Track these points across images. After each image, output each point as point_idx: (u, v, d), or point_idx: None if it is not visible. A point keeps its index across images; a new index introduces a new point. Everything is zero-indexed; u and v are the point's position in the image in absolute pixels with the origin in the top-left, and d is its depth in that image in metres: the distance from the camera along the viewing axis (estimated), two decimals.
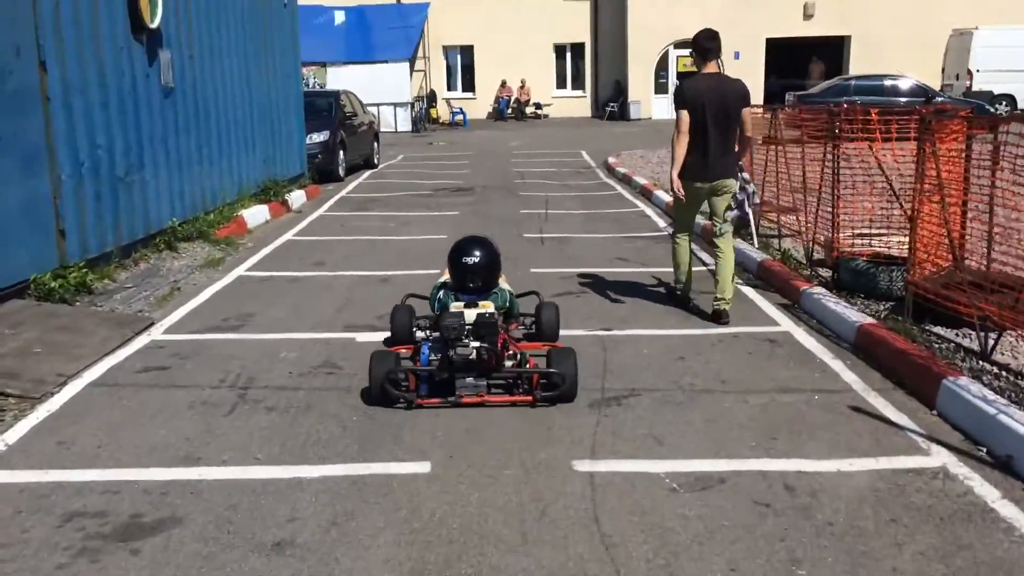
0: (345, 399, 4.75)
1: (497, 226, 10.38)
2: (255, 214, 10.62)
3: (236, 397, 4.80)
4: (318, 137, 15.43)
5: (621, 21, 31.05)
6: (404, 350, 5.00)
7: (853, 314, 5.88)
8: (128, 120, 7.90)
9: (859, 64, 29.56)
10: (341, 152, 16.01)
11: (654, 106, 30.91)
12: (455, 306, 4.82)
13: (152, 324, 6.19)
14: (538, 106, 32.21)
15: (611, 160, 17.81)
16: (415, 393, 4.62)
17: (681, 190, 6.02)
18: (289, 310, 6.65)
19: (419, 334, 5.20)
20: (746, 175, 7.83)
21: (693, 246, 6.64)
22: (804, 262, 7.67)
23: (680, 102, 5.94)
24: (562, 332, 5.58)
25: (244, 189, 10.84)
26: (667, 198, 11.52)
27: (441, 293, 5.03)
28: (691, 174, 5.99)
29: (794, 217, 8.53)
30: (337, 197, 13.61)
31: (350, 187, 15.04)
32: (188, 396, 4.81)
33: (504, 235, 9.39)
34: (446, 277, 5.13)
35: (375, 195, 13.93)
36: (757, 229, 8.61)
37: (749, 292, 7.11)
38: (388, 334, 5.55)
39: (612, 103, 31.15)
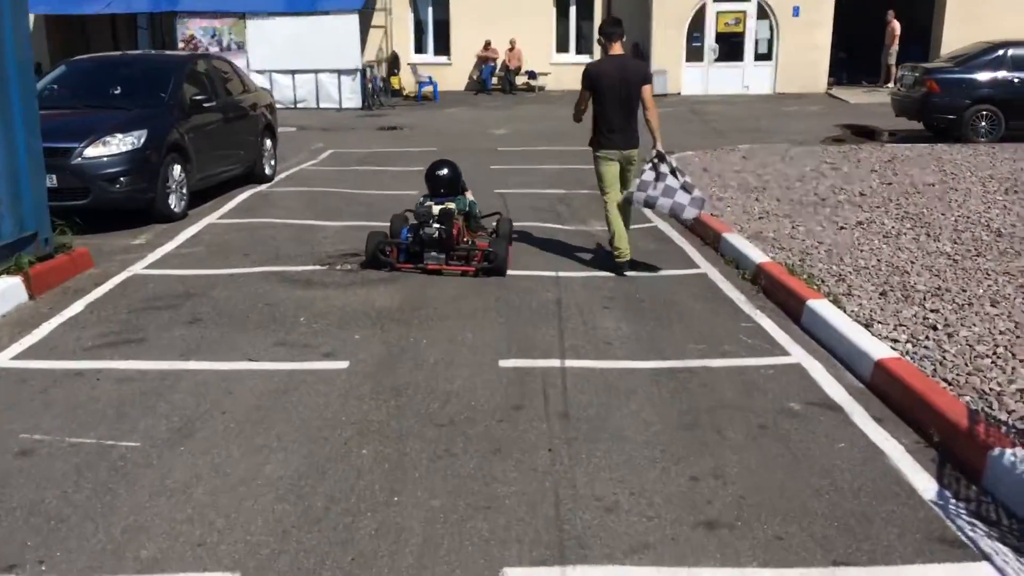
0: None
1: (427, 465, 3.41)
2: None
3: None
4: (119, 143, 8.14)
5: None
6: (393, 239, 6.84)
7: None
8: None
9: (955, 23, 22.29)
10: (176, 167, 8.73)
11: (685, 78, 23.54)
12: (427, 204, 6.84)
13: None
14: (531, 75, 24.82)
15: None
16: (396, 260, 6.70)
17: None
18: None
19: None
20: (672, 161, 6.64)
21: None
22: None
23: (588, 83, 6.70)
24: None
25: None
26: (849, 330, 4.55)
27: (421, 198, 7.06)
28: (605, 144, 6.75)
29: None
30: (103, 289, 6.30)
31: (172, 244, 7.78)
32: None
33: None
34: (426, 192, 7.13)
35: (200, 273, 6.71)
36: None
37: None
38: None
39: None
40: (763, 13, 22.97)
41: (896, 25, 22.52)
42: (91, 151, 7.97)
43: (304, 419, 4.08)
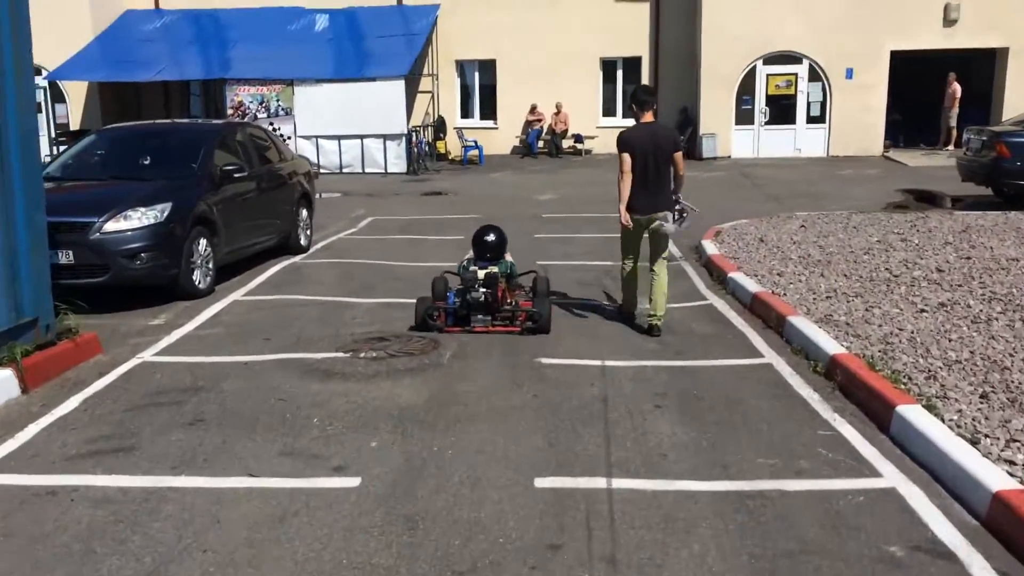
0: None
1: None
2: None
3: None
4: (141, 216, 7.73)
5: (692, 28, 23.20)
6: (438, 303, 6.99)
7: None
8: None
9: (1018, 85, 21.45)
10: (202, 242, 8.29)
11: (735, 141, 22.92)
12: (472, 268, 7.05)
13: None
14: (578, 139, 24.44)
15: (710, 249, 9.92)
16: (444, 324, 6.87)
17: (630, 222, 6.85)
18: None
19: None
20: (686, 203, 7.08)
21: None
22: None
23: (624, 148, 6.77)
24: None
25: None
26: (953, 447, 3.72)
27: (465, 261, 7.26)
28: (633, 208, 6.80)
29: None
30: (106, 381, 5.75)
31: (191, 325, 7.28)
32: None
33: None
34: (470, 254, 7.31)
35: (213, 361, 6.15)
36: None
37: None
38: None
39: None
40: (815, 75, 22.35)
41: (957, 87, 21.71)
42: (111, 225, 7.57)
43: (298, 561, 3.42)
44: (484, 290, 6.83)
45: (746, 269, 8.74)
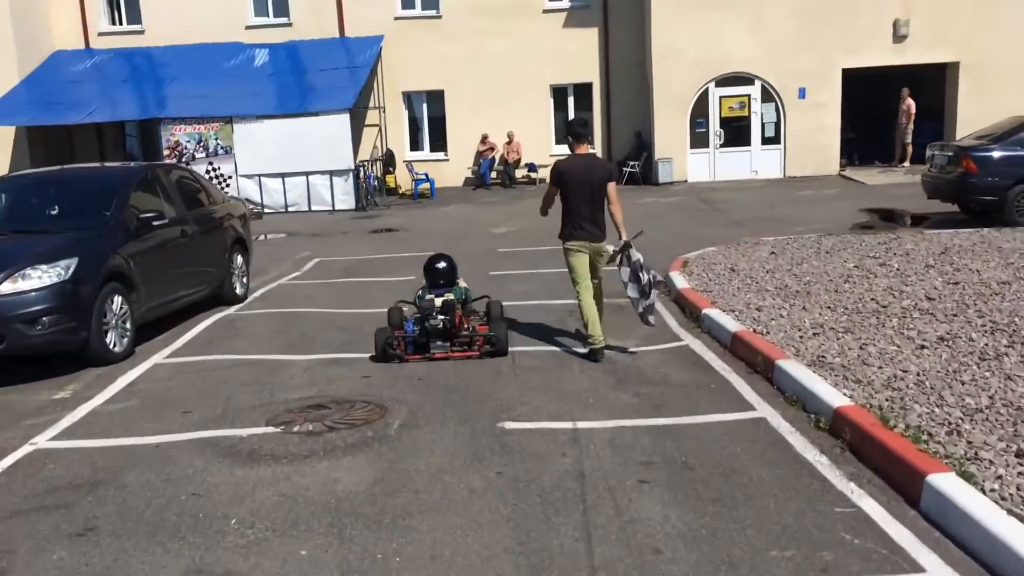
0: None
1: None
2: None
3: None
4: (41, 275, 6.77)
5: (642, 52, 22.82)
6: (397, 332, 7.06)
7: None
8: None
9: (970, 100, 21.34)
10: (116, 299, 7.35)
11: (691, 164, 22.46)
12: (428, 296, 7.19)
13: None
14: (531, 168, 23.78)
15: (680, 283, 9.24)
16: (404, 353, 6.94)
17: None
18: None
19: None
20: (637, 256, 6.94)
21: None
22: None
23: (557, 179, 6.91)
24: None
25: None
26: (1008, 532, 2.92)
27: (421, 291, 7.38)
28: (573, 237, 6.96)
29: None
30: None
31: (101, 397, 6.32)
32: None
33: None
34: (424, 284, 7.47)
35: (119, 445, 5.21)
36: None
37: None
38: None
39: (632, 162, 22.72)
40: (768, 96, 22.04)
41: (911, 103, 21.54)
42: (6, 287, 6.62)
43: None
44: (442, 317, 6.98)
45: (721, 304, 8.07)
